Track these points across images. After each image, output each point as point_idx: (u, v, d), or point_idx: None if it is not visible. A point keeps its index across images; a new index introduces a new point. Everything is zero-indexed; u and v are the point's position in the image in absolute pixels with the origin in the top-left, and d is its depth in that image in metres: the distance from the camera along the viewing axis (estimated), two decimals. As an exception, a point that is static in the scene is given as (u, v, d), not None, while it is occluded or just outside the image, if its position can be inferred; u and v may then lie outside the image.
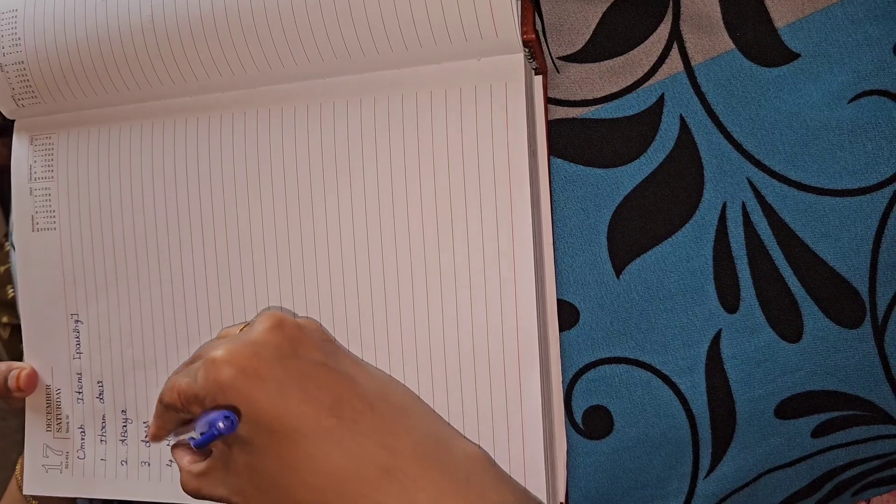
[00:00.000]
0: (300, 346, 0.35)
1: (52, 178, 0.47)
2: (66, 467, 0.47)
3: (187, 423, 0.39)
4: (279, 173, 0.43)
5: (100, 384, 0.47)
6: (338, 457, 0.33)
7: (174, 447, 0.39)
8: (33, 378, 0.47)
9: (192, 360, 0.38)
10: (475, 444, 0.37)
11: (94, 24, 0.44)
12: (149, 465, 0.46)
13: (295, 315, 0.42)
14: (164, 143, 0.45)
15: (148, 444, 0.46)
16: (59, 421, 0.48)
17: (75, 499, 0.52)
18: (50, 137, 0.48)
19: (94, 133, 0.47)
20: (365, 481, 0.33)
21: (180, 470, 0.37)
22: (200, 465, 0.36)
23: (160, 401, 0.37)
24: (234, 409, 0.34)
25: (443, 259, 0.40)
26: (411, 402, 0.37)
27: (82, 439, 0.47)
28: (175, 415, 0.37)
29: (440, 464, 0.34)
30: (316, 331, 0.37)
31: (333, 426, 0.33)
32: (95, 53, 0.44)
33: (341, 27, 0.40)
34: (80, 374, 0.47)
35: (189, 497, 0.43)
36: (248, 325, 0.38)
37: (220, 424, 0.32)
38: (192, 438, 0.35)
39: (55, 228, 0.47)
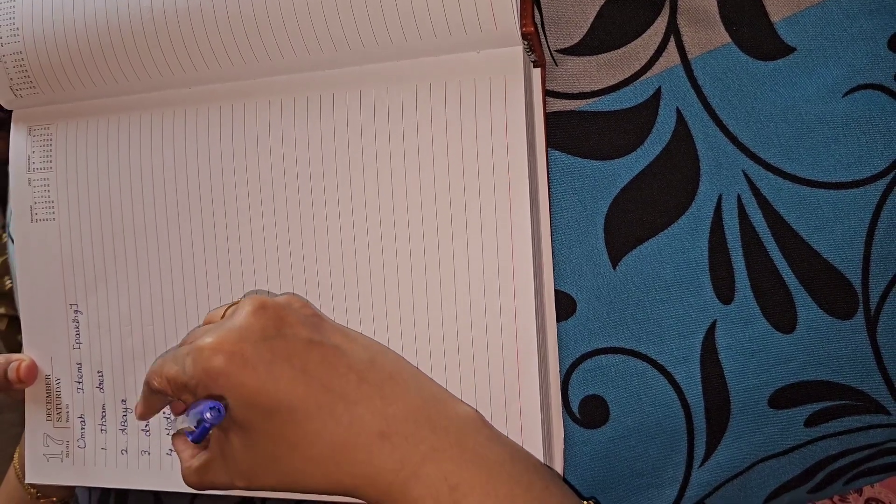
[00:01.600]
0: (285, 324, 0.36)
1: (51, 168, 0.48)
2: (67, 456, 0.48)
3: (181, 409, 0.39)
4: (278, 164, 0.43)
5: (100, 374, 0.47)
6: (334, 428, 0.34)
7: (175, 440, 0.39)
8: (33, 369, 0.48)
9: (180, 346, 0.39)
10: (468, 404, 0.37)
11: (92, 14, 0.44)
12: (149, 454, 0.46)
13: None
14: (162, 134, 0.45)
15: (148, 434, 0.46)
16: (59, 410, 0.48)
17: (74, 488, 0.52)
18: (48, 128, 0.48)
19: (92, 124, 0.47)
20: (362, 448, 0.34)
21: (182, 464, 0.37)
22: (201, 458, 0.36)
23: (147, 384, 0.37)
24: (220, 398, 0.34)
25: (441, 251, 0.40)
26: (401, 367, 0.37)
27: (82, 428, 0.47)
28: (163, 398, 0.37)
29: (433, 424, 0.34)
30: (300, 307, 0.38)
31: (326, 400, 0.34)
32: (94, 43, 0.44)
33: (341, 18, 0.40)
34: (80, 363, 0.47)
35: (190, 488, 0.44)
36: (233, 305, 0.38)
37: (208, 415, 0.34)
38: (189, 433, 0.35)
39: (54, 219, 0.48)
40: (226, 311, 0.38)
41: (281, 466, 0.34)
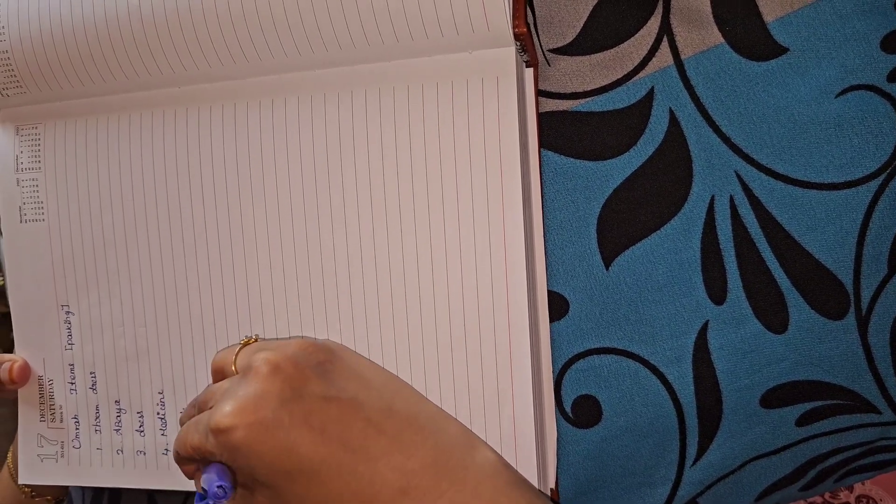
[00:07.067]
0: (300, 384, 0.35)
1: (40, 168, 0.47)
2: (62, 457, 0.48)
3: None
4: (269, 165, 0.43)
5: (92, 375, 0.47)
6: (356, 486, 0.34)
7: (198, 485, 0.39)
8: (26, 370, 0.48)
9: (198, 406, 0.39)
10: (489, 447, 0.37)
11: (80, 12, 0.43)
12: (144, 454, 0.46)
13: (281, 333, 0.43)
14: (152, 134, 0.45)
15: (143, 434, 0.46)
16: (52, 411, 0.48)
17: (68, 486, 0.52)
18: (36, 128, 0.47)
19: (81, 123, 0.46)
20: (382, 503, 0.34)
21: None
22: None
23: (176, 454, 0.38)
24: (231, 471, 0.35)
25: (434, 252, 0.40)
26: (419, 410, 0.37)
27: (77, 429, 0.47)
28: (195, 463, 0.38)
29: (452, 475, 0.35)
30: (311, 355, 0.37)
31: (347, 459, 0.34)
32: (82, 42, 0.44)
33: (332, 18, 0.40)
34: (73, 364, 0.47)
35: (182, 483, 0.44)
36: (245, 346, 0.38)
37: (215, 490, 0.35)
38: (200, 494, 0.36)
39: (44, 220, 0.47)
40: (236, 354, 0.38)
41: None
